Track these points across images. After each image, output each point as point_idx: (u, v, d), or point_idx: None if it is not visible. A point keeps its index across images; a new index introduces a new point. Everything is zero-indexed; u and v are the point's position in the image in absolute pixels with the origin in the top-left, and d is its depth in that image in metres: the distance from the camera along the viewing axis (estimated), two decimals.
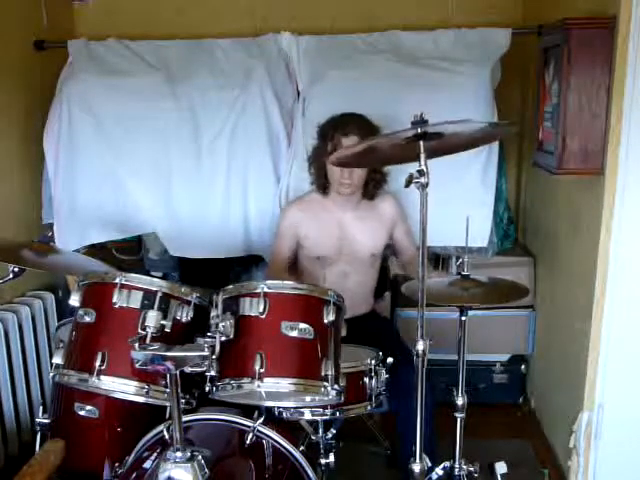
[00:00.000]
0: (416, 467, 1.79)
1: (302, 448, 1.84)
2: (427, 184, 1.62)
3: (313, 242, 2.47)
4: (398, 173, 2.41)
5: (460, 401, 2.05)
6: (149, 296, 1.72)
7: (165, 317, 1.69)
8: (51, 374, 1.77)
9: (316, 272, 2.49)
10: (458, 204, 2.66)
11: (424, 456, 1.81)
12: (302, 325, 1.69)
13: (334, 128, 2.35)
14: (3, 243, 1.96)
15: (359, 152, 1.84)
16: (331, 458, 1.95)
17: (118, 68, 2.86)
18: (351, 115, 2.38)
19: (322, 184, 2.45)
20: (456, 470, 2.04)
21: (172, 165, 2.82)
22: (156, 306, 1.70)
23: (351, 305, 1.92)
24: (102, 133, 2.79)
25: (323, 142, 2.38)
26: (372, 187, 2.45)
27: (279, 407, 1.88)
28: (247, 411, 1.82)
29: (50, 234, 2.69)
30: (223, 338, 1.61)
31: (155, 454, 1.73)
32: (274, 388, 1.66)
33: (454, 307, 1.99)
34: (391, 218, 2.52)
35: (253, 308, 1.69)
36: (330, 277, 2.43)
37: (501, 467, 2.08)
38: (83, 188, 2.82)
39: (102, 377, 1.67)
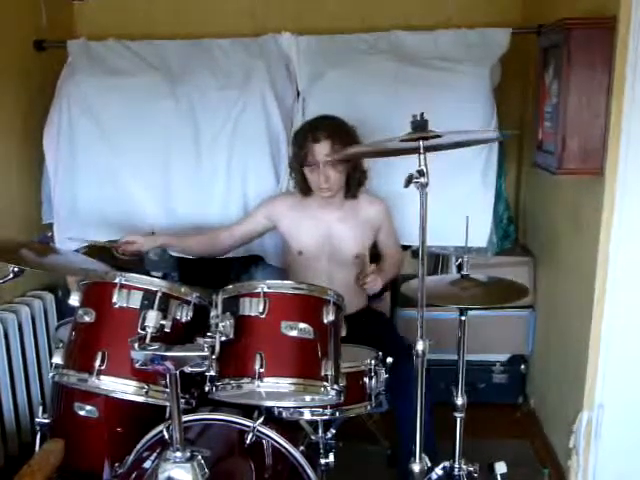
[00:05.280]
0: (416, 467, 1.80)
1: (302, 448, 1.85)
2: (427, 184, 1.62)
3: (295, 235, 2.49)
4: (397, 174, 2.41)
5: (460, 401, 2.05)
6: (149, 296, 1.72)
7: (165, 317, 1.69)
8: (51, 374, 1.77)
9: (300, 270, 2.51)
10: (458, 204, 2.66)
11: (424, 456, 1.81)
12: (302, 325, 1.69)
13: (305, 135, 2.38)
14: (3, 243, 1.96)
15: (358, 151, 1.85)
16: (331, 458, 1.95)
17: (118, 68, 2.86)
18: (323, 119, 2.41)
19: (304, 189, 2.47)
20: (456, 470, 2.04)
21: (172, 165, 2.82)
22: (156, 306, 1.70)
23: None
24: (102, 133, 2.79)
25: (298, 149, 2.40)
26: (353, 186, 2.46)
27: (279, 407, 1.88)
28: (247, 411, 1.82)
29: (50, 234, 2.70)
30: (223, 338, 1.61)
31: (155, 454, 1.73)
32: (274, 388, 1.66)
33: (454, 307, 1.99)
34: (377, 223, 2.52)
35: (253, 308, 1.69)
36: (315, 277, 2.42)
37: (501, 467, 2.08)
38: (83, 188, 2.82)
39: (102, 377, 1.67)
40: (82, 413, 1.92)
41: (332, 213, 2.48)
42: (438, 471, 2.02)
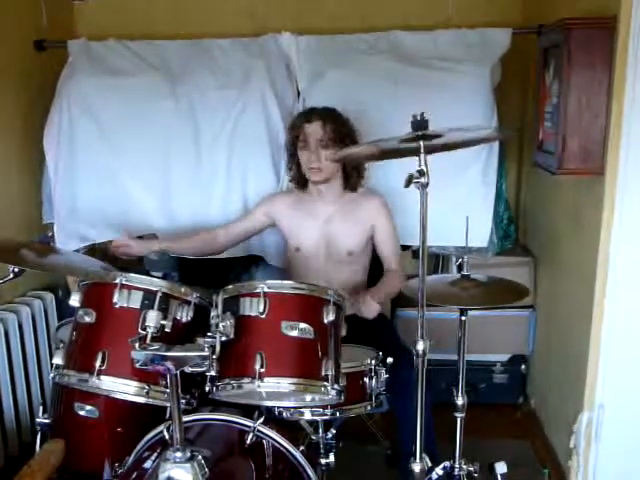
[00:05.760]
0: (416, 467, 1.80)
1: (302, 448, 1.84)
2: (427, 184, 1.62)
3: (294, 233, 2.50)
4: (396, 173, 2.41)
5: (460, 401, 2.05)
6: (149, 296, 1.72)
7: (165, 317, 1.69)
8: (51, 374, 1.77)
9: (299, 267, 2.51)
10: (458, 204, 2.66)
11: (424, 456, 1.81)
12: (302, 325, 1.69)
13: (299, 117, 2.46)
14: (3, 243, 1.96)
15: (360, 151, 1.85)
16: (331, 458, 1.95)
17: (118, 68, 2.86)
18: (319, 107, 2.46)
19: (298, 178, 2.50)
20: (456, 470, 2.04)
21: (172, 165, 2.82)
22: (156, 306, 1.70)
23: None
24: (102, 133, 2.79)
25: (291, 129, 2.45)
26: (352, 177, 2.47)
27: (279, 407, 1.88)
28: (247, 411, 1.82)
29: (50, 234, 2.70)
30: (223, 338, 1.61)
31: (155, 454, 1.73)
32: (274, 388, 1.66)
33: (454, 307, 1.99)
34: (370, 220, 2.48)
35: (253, 308, 1.69)
36: (312, 274, 2.43)
37: (501, 467, 2.07)
38: (83, 188, 2.82)
39: (102, 377, 1.67)
40: (82, 413, 1.92)
41: (330, 205, 2.48)
42: (438, 471, 2.02)
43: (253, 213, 2.61)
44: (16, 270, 1.80)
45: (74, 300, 1.79)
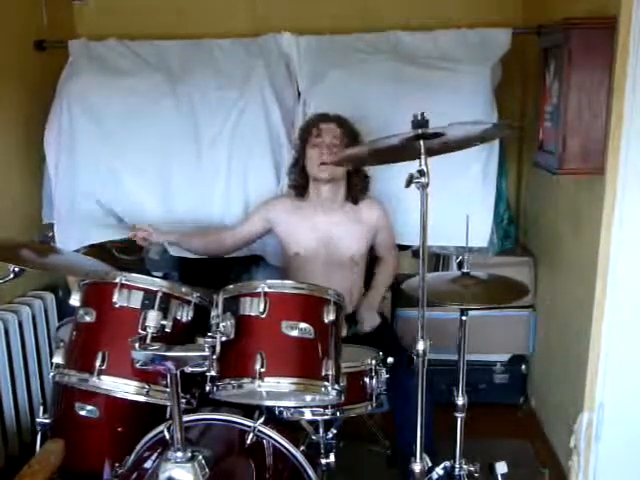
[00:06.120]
0: (416, 467, 1.80)
1: (302, 448, 1.84)
2: (427, 184, 1.62)
3: (292, 238, 2.50)
4: (397, 173, 2.41)
5: (460, 401, 2.05)
6: (149, 296, 1.73)
7: (165, 317, 1.70)
8: (51, 374, 1.78)
9: (298, 271, 2.51)
10: (458, 204, 2.66)
11: (424, 456, 1.81)
12: (302, 325, 1.69)
13: (314, 118, 2.50)
14: (3, 243, 1.96)
15: (361, 152, 1.85)
16: (331, 458, 1.95)
17: (118, 68, 2.87)
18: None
19: (299, 183, 2.51)
20: (456, 470, 2.04)
21: (172, 165, 2.82)
22: (156, 306, 1.71)
23: None
24: (102, 133, 2.79)
25: (306, 126, 2.48)
26: (355, 191, 2.48)
27: (279, 407, 1.88)
28: (247, 411, 1.82)
29: (50, 234, 2.69)
30: (223, 338, 1.61)
31: (156, 454, 1.72)
32: (274, 388, 1.66)
33: (454, 307, 1.99)
34: (374, 225, 2.53)
35: (253, 308, 1.69)
36: (311, 278, 2.40)
37: (501, 467, 2.08)
38: (83, 188, 2.82)
39: (102, 377, 1.68)
40: (83, 413, 1.92)
41: (330, 217, 2.48)
42: (439, 471, 2.02)
43: (251, 219, 2.60)
44: (16, 270, 1.80)
45: (74, 300, 1.79)
